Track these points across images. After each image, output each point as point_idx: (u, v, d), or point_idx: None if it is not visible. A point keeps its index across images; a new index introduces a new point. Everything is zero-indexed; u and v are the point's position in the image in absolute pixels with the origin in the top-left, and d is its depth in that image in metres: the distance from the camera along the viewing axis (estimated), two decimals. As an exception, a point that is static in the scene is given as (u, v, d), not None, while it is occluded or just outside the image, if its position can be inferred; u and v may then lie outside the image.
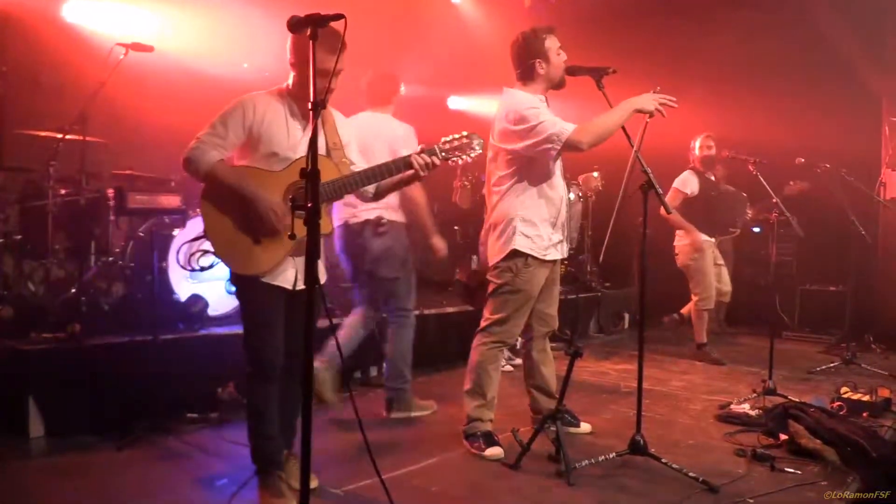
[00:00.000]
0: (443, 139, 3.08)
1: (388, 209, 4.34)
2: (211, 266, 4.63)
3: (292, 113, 2.99)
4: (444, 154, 3.03)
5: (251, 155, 2.97)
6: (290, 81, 3.02)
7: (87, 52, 5.51)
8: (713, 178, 6.47)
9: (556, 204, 3.81)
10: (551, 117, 3.61)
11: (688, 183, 6.28)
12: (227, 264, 3.00)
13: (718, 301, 6.55)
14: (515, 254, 3.73)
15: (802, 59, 7.63)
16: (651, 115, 3.54)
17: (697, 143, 6.42)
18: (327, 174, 2.91)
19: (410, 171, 3.05)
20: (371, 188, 3.18)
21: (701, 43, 7.90)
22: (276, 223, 2.86)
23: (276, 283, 2.96)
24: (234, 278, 3.05)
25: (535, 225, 3.74)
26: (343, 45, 2.74)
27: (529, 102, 3.68)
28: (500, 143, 3.76)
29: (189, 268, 4.61)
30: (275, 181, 2.92)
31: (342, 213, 4.35)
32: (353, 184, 3.00)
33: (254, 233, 2.90)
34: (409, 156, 3.02)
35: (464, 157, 3.06)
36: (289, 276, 2.97)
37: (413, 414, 4.47)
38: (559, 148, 3.57)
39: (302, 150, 2.91)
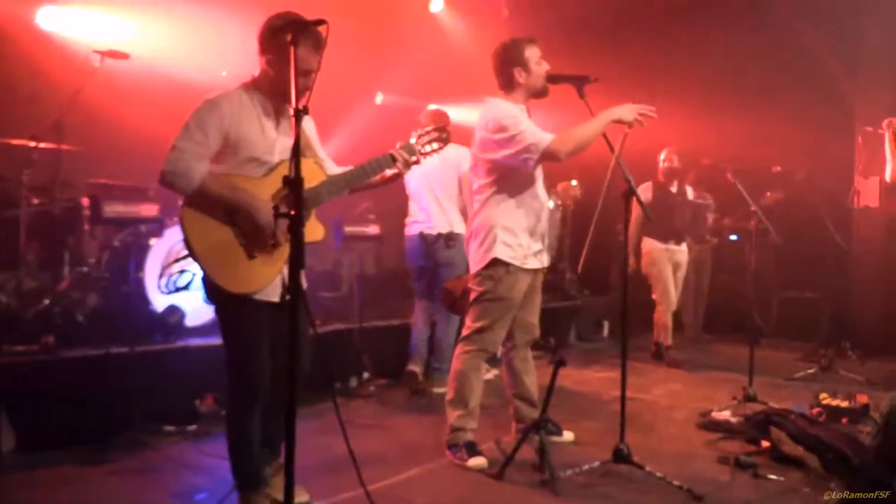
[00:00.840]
0: (414, 133, 3.14)
1: (458, 224, 5.21)
2: (188, 285, 4.57)
3: (265, 111, 2.83)
4: (420, 148, 3.09)
5: (229, 160, 2.79)
6: (258, 75, 2.85)
7: (62, 59, 5.45)
8: (675, 189, 6.65)
9: (537, 213, 3.81)
10: (531, 127, 3.61)
11: (645, 193, 6.45)
12: (218, 283, 2.75)
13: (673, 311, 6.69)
14: (496, 262, 3.72)
15: (777, 70, 7.76)
16: (630, 125, 3.55)
17: (662, 157, 6.66)
18: (314, 177, 2.86)
19: (393, 171, 3.08)
20: None
21: (677, 54, 8.00)
22: (279, 233, 2.74)
23: (268, 298, 2.79)
24: (217, 296, 2.81)
25: (515, 233, 3.73)
26: (324, 44, 2.69)
27: (509, 112, 3.67)
28: (480, 153, 3.75)
29: (167, 290, 4.55)
30: (263, 189, 2.78)
31: (416, 226, 5.32)
32: (344, 185, 2.96)
33: (249, 247, 2.76)
34: (392, 152, 3.04)
35: (434, 146, 3.16)
36: (278, 289, 2.81)
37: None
38: (537, 157, 3.57)
39: (278, 151, 2.84)
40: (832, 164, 7.24)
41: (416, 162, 3.11)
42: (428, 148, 3.13)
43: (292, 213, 2.15)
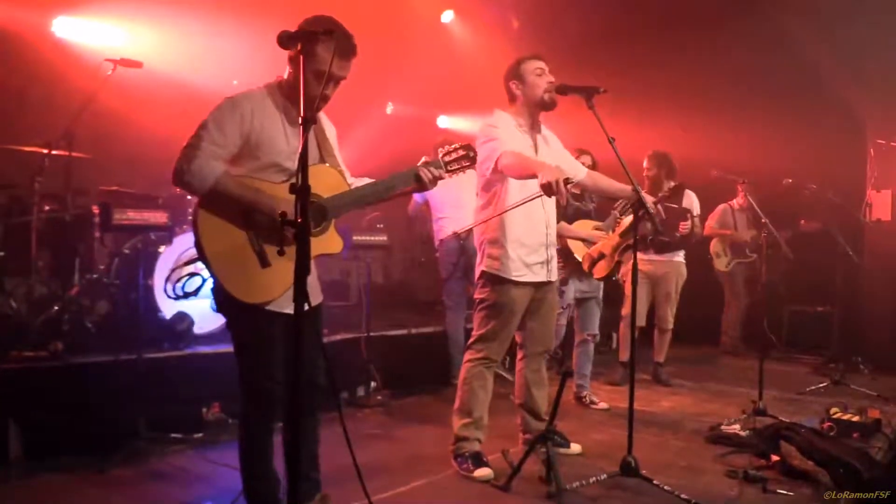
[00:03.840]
0: (440, 151, 2.99)
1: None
2: (198, 290, 4.56)
3: (289, 117, 2.70)
4: (446, 166, 2.96)
5: (248, 164, 2.65)
6: (286, 77, 2.74)
7: (75, 67, 5.48)
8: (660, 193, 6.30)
9: (534, 224, 3.76)
10: (505, 137, 3.61)
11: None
12: (229, 291, 2.60)
13: (658, 328, 6.25)
14: (485, 273, 3.76)
15: (787, 83, 7.72)
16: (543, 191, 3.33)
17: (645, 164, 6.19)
18: (337, 187, 2.78)
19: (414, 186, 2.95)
20: None
21: (685, 67, 7.97)
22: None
23: (282, 310, 2.60)
24: (229, 306, 2.66)
25: (503, 246, 3.71)
26: (350, 52, 2.67)
27: (494, 121, 3.74)
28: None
29: (175, 295, 4.54)
30: (282, 194, 2.56)
31: (444, 230, 5.80)
32: (368, 196, 2.83)
33: (263, 254, 2.61)
34: (418, 168, 2.90)
35: (463, 166, 2.99)
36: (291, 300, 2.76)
37: None
38: (492, 166, 3.59)
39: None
40: (843, 176, 7.19)
41: (441, 178, 2.98)
42: (455, 166, 2.99)
43: (299, 220, 2.12)
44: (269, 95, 2.72)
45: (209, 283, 4.57)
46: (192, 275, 4.57)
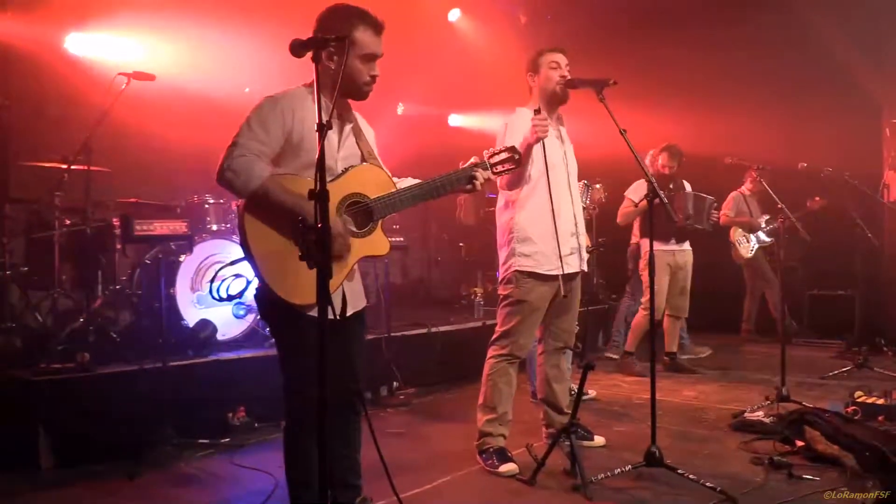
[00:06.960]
0: (486, 153, 2.93)
1: None
2: (241, 293, 4.62)
3: (327, 114, 2.54)
4: (492, 168, 2.91)
5: (290, 163, 2.56)
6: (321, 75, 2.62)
7: (90, 82, 5.55)
8: (671, 185, 6.16)
9: (561, 216, 3.78)
10: (512, 134, 3.61)
11: (638, 191, 6.06)
12: (274, 289, 2.52)
13: (673, 316, 6.27)
14: (517, 272, 3.77)
15: (802, 65, 7.68)
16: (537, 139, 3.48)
17: (653, 153, 6.22)
18: (384, 185, 2.72)
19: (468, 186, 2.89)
20: None
21: (701, 53, 7.94)
22: (342, 244, 2.53)
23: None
24: (274, 311, 2.61)
25: (534, 241, 3.74)
26: (383, 27, 2.65)
27: (512, 120, 3.76)
28: None
29: (219, 297, 4.59)
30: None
31: None
32: (417, 196, 2.75)
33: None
34: (475, 169, 2.86)
35: (507, 168, 2.95)
36: (337, 303, 2.58)
37: None
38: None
39: (342, 157, 2.68)
40: (860, 158, 7.13)
41: (488, 179, 2.92)
42: (500, 168, 2.95)
43: (319, 225, 2.13)
44: (309, 94, 2.62)
45: (253, 286, 4.68)
46: (236, 276, 4.63)
